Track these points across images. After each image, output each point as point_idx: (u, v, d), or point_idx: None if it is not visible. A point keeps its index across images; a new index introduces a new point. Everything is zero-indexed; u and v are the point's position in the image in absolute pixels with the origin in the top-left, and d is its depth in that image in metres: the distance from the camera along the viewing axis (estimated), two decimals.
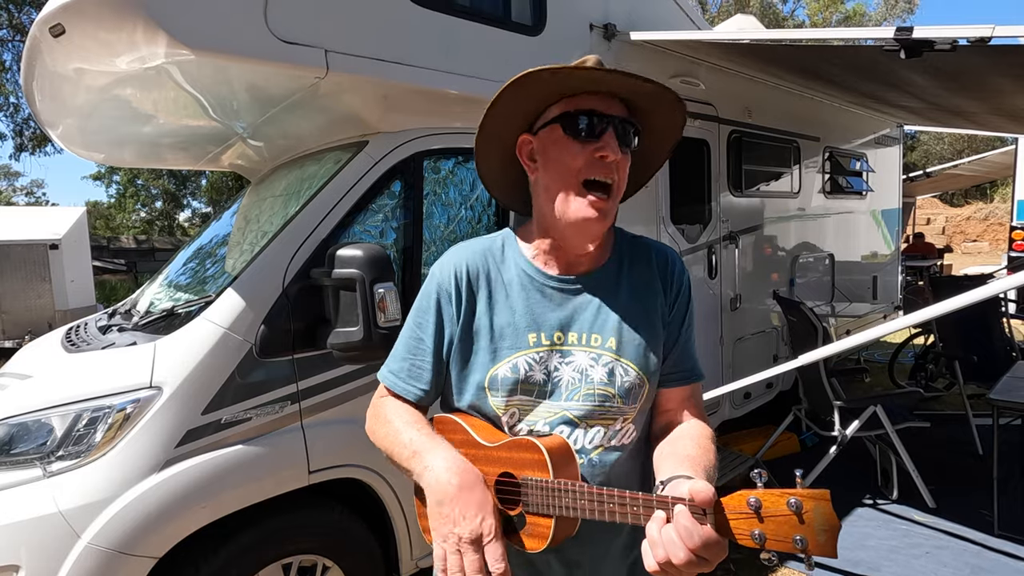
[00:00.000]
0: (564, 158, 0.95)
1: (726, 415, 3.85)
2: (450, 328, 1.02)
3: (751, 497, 0.70)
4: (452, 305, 1.02)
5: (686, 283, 1.08)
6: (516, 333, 0.99)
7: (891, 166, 6.17)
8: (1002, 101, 3.59)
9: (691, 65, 3.49)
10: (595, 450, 0.99)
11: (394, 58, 2.24)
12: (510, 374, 0.98)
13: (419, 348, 1.04)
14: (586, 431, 0.98)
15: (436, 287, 1.03)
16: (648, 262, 1.07)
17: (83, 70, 2.07)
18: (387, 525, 2.17)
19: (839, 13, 24.55)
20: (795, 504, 0.68)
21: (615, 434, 1.00)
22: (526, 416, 0.98)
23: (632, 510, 0.79)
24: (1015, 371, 3.53)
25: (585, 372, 0.99)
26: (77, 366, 2.03)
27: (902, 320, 2.44)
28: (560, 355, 0.99)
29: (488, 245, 1.07)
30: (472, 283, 1.02)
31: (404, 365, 1.05)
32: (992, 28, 1.73)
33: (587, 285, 1.02)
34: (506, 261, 1.04)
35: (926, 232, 16.18)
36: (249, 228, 2.54)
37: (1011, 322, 5.16)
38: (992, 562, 2.78)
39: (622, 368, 0.99)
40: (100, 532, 1.65)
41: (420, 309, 1.05)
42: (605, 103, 0.95)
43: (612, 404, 0.99)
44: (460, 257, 1.04)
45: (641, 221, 3.30)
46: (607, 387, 0.98)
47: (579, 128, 0.94)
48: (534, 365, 0.98)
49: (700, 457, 0.92)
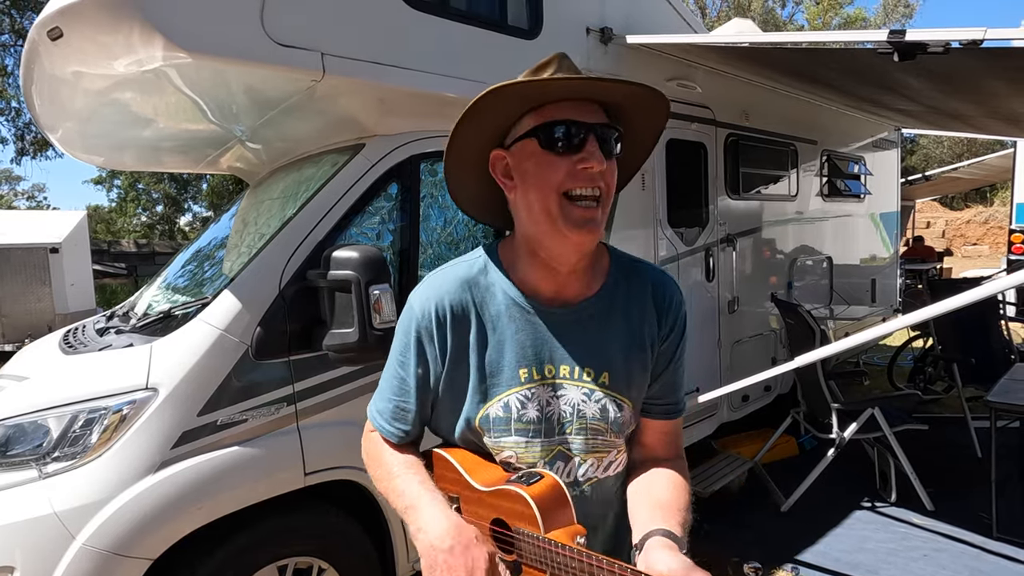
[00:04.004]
0: (543, 172, 0.87)
1: (724, 417, 3.85)
2: (435, 368, 0.97)
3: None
4: (435, 345, 0.96)
5: (682, 317, 1.03)
6: (506, 369, 0.95)
7: (889, 169, 6.18)
8: (998, 104, 3.60)
9: (688, 68, 3.50)
10: (587, 482, 0.99)
11: (390, 61, 2.26)
12: (502, 413, 0.95)
13: (403, 388, 1.01)
14: (580, 464, 0.98)
15: (416, 326, 0.97)
16: (644, 293, 1.01)
17: (81, 73, 2.08)
18: (383, 527, 2.17)
19: (838, 17, 24.62)
20: None
21: (608, 465, 1.00)
22: (520, 453, 0.96)
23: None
24: (1013, 373, 3.53)
25: (577, 407, 0.97)
26: (74, 368, 2.03)
27: (898, 321, 2.44)
28: (552, 389, 0.96)
29: (468, 273, 0.98)
30: (455, 320, 0.95)
31: (389, 406, 1.02)
32: (984, 31, 1.74)
33: (578, 315, 0.97)
34: (491, 288, 0.97)
35: (926, 235, 16.18)
36: (247, 230, 2.55)
37: (1009, 325, 5.16)
38: (991, 565, 2.77)
39: (615, 404, 0.97)
40: (95, 533, 1.65)
41: (401, 346, 1.00)
42: (581, 109, 0.87)
43: (605, 438, 0.98)
44: (440, 292, 0.96)
45: (638, 224, 3.31)
46: (600, 422, 0.97)
47: (557, 140, 0.86)
48: (526, 402, 0.95)
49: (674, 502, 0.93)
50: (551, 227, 0.89)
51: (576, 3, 2.98)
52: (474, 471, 0.96)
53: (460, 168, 0.97)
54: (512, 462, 0.97)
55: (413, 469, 0.98)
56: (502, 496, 0.91)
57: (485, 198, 1.00)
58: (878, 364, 6.34)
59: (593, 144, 0.87)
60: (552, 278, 0.96)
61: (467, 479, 0.96)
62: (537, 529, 0.85)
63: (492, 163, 0.94)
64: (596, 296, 0.98)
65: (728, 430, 4.03)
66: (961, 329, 4.64)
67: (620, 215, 3.08)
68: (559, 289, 0.96)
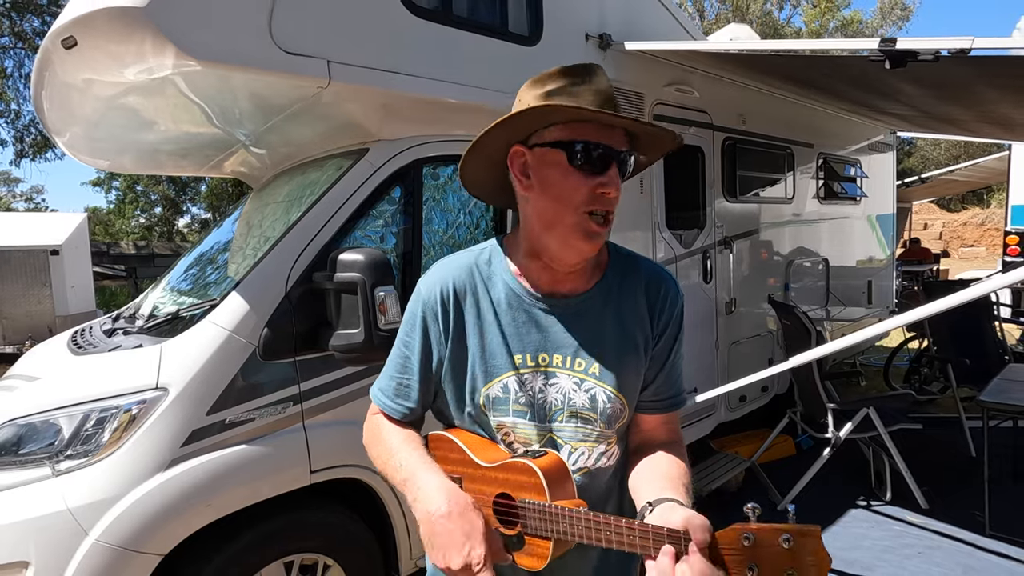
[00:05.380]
0: (565, 187, 0.92)
1: (722, 417, 3.90)
2: (438, 348, 1.02)
3: (746, 533, 0.73)
4: (439, 324, 1.01)
5: (676, 314, 1.05)
6: (504, 354, 0.99)
7: (885, 172, 6.23)
8: (989, 109, 3.66)
9: (685, 73, 3.55)
10: (578, 472, 1.00)
11: (394, 68, 2.30)
12: (502, 393, 0.99)
13: (406, 367, 1.04)
14: (570, 454, 1.00)
15: (422, 306, 1.02)
16: (639, 288, 1.04)
17: (92, 80, 2.12)
18: (387, 524, 2.21)
19: (836, 20, 24.73)
20: (788, 539, 0.71)
21: (599, 456, 1.02)
22: (519, 435, 1.00)
23: (628, 539, 0.80)
24: (1006, 374, 3.58)
25: (568, 396, 1.00)
26: (84, 368, 2.07)
27: (892, 320, 2.48)
28: (544, 377, 1.00)
29: (474, 260, 1.04)
30: (459, 302, 1.00)
31: (392, 384, 1.06)
32: (972, 40, 1.79)
33: (574, 308, 1.01)
34: (492, 277, 1.02)
35: (923, 237, 16.26)
36: (252, 233, 2.59)
37: (1003, 326, 5.22)
38: (984, 562, 2.81)
39: (604, 395, 0.99)
40: (107, 529, 1.69)
41: (407, 327, 1.04)
42: (610, 134, 0.92)
43: (594, 428, 1.01)
44: (446, 274, 1.02)
45: (637, 226, 3.35)
46: (589, 412, 1.00)
47: (586, 161, 0.91)
48: (521, 386, 0.99)
49: (678, 477, 0.94)
50: (560, 236, 0.94)
51: (576, 10, 3.03)
52: (477, 450, 1.00)
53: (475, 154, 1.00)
54: (512, 441, 1.00)
55: (412, 444, 1.01)
56: (507, 469, 0.94)
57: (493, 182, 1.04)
58: (874, 365, 6.39)
59: (615, 170, 0.92)
60: (550, 275, 1.00)
61: (470, 456, 0.99)
62: (543, 498, 0.88)
63: (511, 158, 0.97)
64: (591, 292, 1.02)
65: (726, 430, 4.07)
66: (956, 330, 4.69)
67: (619, 217, 3.07)
68: (556, 284, 1.01)
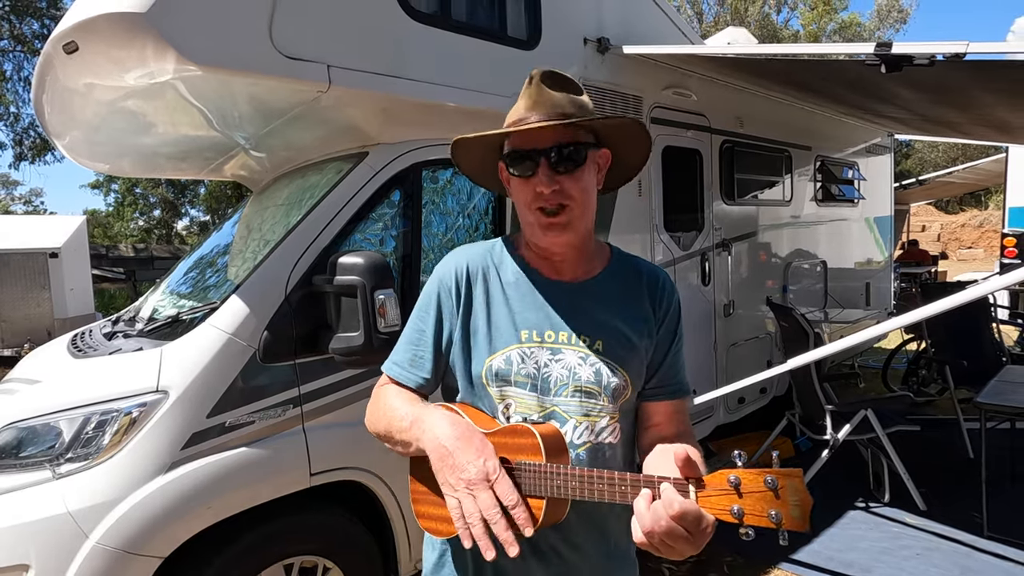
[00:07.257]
0: (515, 192, 1.06)
1: (721, 419, 3.91)
2: (450, 321, 1.09)
3: (731, 475, 0.76)
4: (452, 299, 1.09)
5: (675, 303, 1.13)
6: (510, 328, 1.05)
7: (883, 174, 6.26)
8: (986, 112, 3.68)
9: (683, 77, 3.57)
10: (582, 446, 1.04)
11: (393, 72, 2.32)
12: (504, 365, 1.04)
13: (420, 339, 1.11)
14: (574, 427, 1.03)
15: (438, 283, 1.11)
16: (638, 281, 1.12)
17: (93, 85, 2.14)
18: (386, 527, 2.22)
19: (833, 23, 24.81)
20: (771, 481, 0.74)
21: (602, 431, 1.05)
22: (520, 408, 1.04)
23: (620, 489, 0.84)
24: (1003, 375, 3.59)
25: (573, 370, 1.04)
26: (84, 371, 2.08)
27: (890, 322, 2.50)
28: (550, 352, 1.05)
29: (489, 247, 1.15)
30: (472, 279, 1.09)
31: (406, 356, 1.11)
32: (966, 44, 1.81)
33: (579, 291, 1.08)
34: (504, 262, 1.12)
35: (922, 239, 16.29)
36: (251, 237, 2.60)
37: (1001, 328, 5.23)
38: (981, 563, 2.83)
39: (609, 369, 1.04)
40: (108, 532, 1.69)
41: (422, 304, 1.13)
42: (541, 135, 0.99)
43: (598, 402, 1.04)
44: (462, 256, 1.13)
45: (635, 229, 3.36)
46: (593, 385, 1.04)
47: (516, 167, 1.02)
48: (526, 359, 1.04)
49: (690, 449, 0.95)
50: (529, 230, 1.07)
51: (574, 14, 3.04)
52: (476, 418, 1.03)
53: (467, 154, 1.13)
54: (511, 416, 1.04)
55: (420, 403, 1.06)
56: (505, 433, 0.97)
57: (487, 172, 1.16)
58: (873, 367, 6.41)
59: (545, 169, 1.00)
60: (548, 263, 1.10)
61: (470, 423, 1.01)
62: (540, 459, 0.91)
63: (500, 171, 1.10)
64: (596, 278, 1.11)
65: (724, 432, 4.08)
66: (954, 332, 4.71)
67: (617, 220, 3.14)
68: (557, 271, 1.10)
